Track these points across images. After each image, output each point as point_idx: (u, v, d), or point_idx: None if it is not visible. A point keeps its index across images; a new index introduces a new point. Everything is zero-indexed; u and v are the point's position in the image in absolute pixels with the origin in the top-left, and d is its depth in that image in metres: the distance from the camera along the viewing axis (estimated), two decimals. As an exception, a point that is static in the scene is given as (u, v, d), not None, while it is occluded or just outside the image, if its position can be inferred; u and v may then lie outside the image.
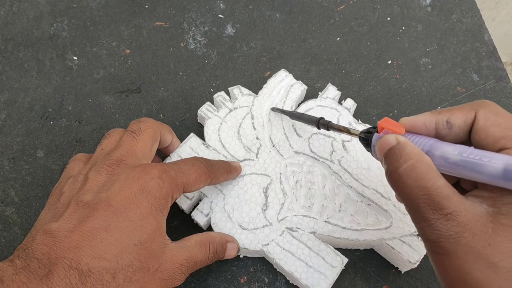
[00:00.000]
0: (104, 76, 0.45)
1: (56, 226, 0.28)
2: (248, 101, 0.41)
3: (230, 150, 0.39)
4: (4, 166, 0.41)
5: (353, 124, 0.40)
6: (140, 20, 0.47)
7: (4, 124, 0.42)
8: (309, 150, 0.39)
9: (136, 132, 0.34)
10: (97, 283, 0.27)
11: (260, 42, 0.46)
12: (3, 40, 0.46)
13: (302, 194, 0.38)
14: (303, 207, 0.37)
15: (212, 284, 0.36)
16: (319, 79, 0.45)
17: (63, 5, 0.47)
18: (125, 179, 0.30)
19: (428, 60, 0.46)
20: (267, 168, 0.38)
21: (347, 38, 0.47)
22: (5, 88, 0.44)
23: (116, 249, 0.28)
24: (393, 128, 0.29)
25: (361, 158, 0.39)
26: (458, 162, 0.25)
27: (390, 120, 0.30)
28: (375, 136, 0.30)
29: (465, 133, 0.28)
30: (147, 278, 0.29)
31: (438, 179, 0.25)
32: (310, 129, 0.40)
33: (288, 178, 0.38)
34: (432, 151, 0.27)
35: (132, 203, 0.29)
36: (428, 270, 0.37)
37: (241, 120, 0.40)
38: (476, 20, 0.48)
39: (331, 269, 0.35)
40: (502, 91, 0.44)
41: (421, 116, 0.29)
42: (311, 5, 0.48)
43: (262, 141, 0.40)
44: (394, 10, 0.48)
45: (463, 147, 0.26)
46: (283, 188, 0.38)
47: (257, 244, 0.36)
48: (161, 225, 0.31)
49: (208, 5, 0.48)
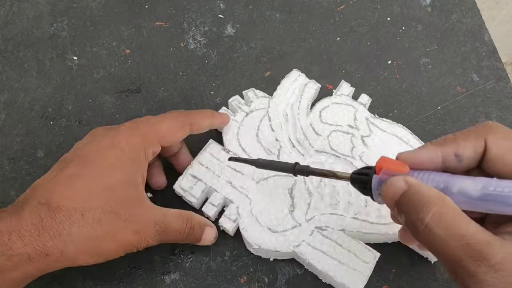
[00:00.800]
0: (104, 76, 0.44)
1: (40, 179, 0.32)
2: (264, 103, 0.41)
3: (251, 154, 0.39)
4: (4, 166, 0.41)
5: (370, 119, 0.40)
6: (140, 20, 0.47)
7: (4, 124, 0.42)
8: (330, 148, 0.39)
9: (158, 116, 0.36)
10: (66, 219, 0.29)
11: (260, 42, 0.46)
12: (3, 40, 0.46)
13: (327, 192, 0.37)
14: (329, 205, 0.37)
15: (212, 284, 0.36)
16: (319, 79, 0.45)
17: (63, 5, 0.47)
18: (100, 138, 0.33)
19: (428, 60, 0.46)
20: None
21: (347, 38, 0.47)
22: (5, 88, 0.44)
23: (86, 192, 0.30)
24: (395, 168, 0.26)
25: (382, 152, 0.38)
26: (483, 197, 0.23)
27: (389, 159, 0.27)
28: (375, 179, 0.27)
29: (476, 162, 0.26)
30: (118, 224, 0.31)
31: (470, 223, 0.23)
32: (328, 126, 0.40)
33: (311, 177, 0.38)
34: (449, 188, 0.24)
35: (101, 154, 0.32)
36: (428, 270, 0.37)
37: (258, 123, 0.40)
38: (476, 20, 0.48)
39: (364, 265, 0.35)
40: (502, 91, 0.44)
41: (424, 151, 0.26)
42: (311, 5, 0.48)
43: (281, 142, 0.39)
44: (394, 10, 0.48)
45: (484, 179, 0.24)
46: (307, 188, 0.38)
47: (288, 246, 0.36)
48: (132, 177, 0.33)
49: (208, 5, 0.48)
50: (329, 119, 0.40)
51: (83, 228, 0.30)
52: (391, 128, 0.40)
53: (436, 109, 0.44)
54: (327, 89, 0.44)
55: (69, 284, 0.36)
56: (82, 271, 0.37)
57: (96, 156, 0.32)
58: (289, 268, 0.37)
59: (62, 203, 0.29)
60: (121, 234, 0.31)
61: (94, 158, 0.32)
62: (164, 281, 0.37)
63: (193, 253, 0.37)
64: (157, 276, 0.37)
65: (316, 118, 0.40)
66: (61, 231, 0.29)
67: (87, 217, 0.30)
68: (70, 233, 0.29)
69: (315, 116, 0.40)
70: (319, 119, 0.40)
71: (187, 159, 0.39)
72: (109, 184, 0.31)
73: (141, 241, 0.32)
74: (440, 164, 0.26)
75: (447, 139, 0.26)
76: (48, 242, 0.29)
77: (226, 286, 0.37)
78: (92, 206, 0.30)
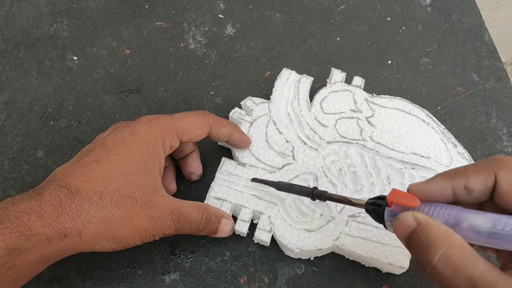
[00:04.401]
0: (104, 76, 0.44)
1: (60, 167, 0.33)
2: (264, 109, 0.41)
3: (267, 161, 0.39)
4: (4, 166, 0.41)
5: (369, 99, 0.41)
6: (140, 20, 0.47)
7: (4, 124, 0.42)
8: (339, 136, 0.39)
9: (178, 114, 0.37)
10: (85, 201, 0.30)
11: (260, 42, 0.46)
12: (3, 40, 0.46)
13: (349, 180, 0.38)
14: (355, 192, 0.37)
15: (212, 284, 0.36)
16: (319, 79, 0.45)
17: (63, 5, 0.47)
18: (121, 129, 0.34)
19: (428, 60, 0.46)
20: (308, 167, 0.38)
21: (347, 38, 0.47)
22: (5, 88, 0.44)
23: (104, 176, 0.31)
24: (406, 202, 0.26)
25: (389, 128, 0.39)
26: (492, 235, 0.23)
27: (400, 192, 0.27)
28: (387, 211, 0.27)
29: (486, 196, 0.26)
30: (135, 208, 0.31)
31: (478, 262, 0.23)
32: (332, 116, 0.40)
33: (330, 169, 0.38)
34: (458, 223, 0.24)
35: (121, 142, 0.33)
36: (428, 270, 0.37)
37: (265, 129, 0.40)
38: (476, 20, 0.48)
39: None
40: (502, 91, 0.44)
41: (435, 183, 0.26)
42: (311, 5, 0.48)
43: (292, 142, 0.39)
44: (394, 10, 0.48)
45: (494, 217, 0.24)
46: (330, 180, 0.38)
47: (328, 242, 0.36)
48: (149, 165, 0.33)
49: (208, 5, 0.48)
50: (331, 109, 0.40)
51: (101, 210, 0.30)
52: (391, 103, 0.41)
53: (436, 109, 0.44)
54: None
55: (69, 284, 0.36)
56: (82, 271, 0.37)
57: (116, 145, 0.33)
58: (289, 268, 0.37)
59: (81, 186, 0.30)
60: (138, 219, 0.31)
61: (113, 147, 0.33)
62: (164, 281, 0.37)
63: (193, 253, 0.38)
64: (157, 276, 0.37)
65: (318, 111, 0.40)
66: (79, 213, 0.30)
67: (105, 200, 0.30)
68: (88, 215, 0.30)
69: (317, 109, 0.40)
70: (321, 111, 0.40)
71: (195, 164, 0.39)
72: (126, 171, 0.32)
73: (157, 228, 0.32)
74: (450, 197, 0.26)
75: (458, 171, 0.26)
76: (67, 223, 0.29)
77: (226, 286, 0.37)
78: (110, 190, 0.31)
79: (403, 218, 0.26)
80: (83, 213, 0.30)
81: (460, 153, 0.38)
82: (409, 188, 0.27)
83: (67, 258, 0.37)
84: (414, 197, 0.27)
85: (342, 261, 0.37)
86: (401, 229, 0.26)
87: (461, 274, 0.23)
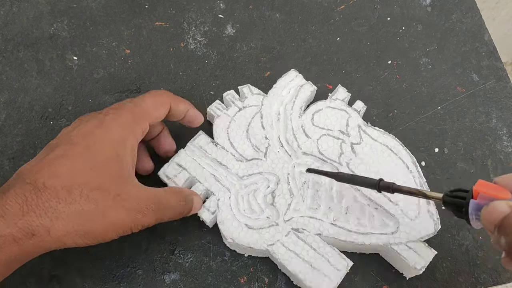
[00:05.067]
0: (104, 76, 0.45)
1: (25, 164, 0.31)
2: (258, 100, 0.41)
3: (238, 149, 0.39)
4: (4, 166, 0.41)
5: (363, 126, 0.40)
6: (140, 20, 0.47)
7: (4, 124, 0.42)
8: (318, 151, 0.39)
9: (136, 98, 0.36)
10: (52, 197, 0.29)
11: (260, 42, 0.46)
12: (3, 40, 0.46)
13: (309, 196, 0.37)
14: (309, 209, 0.37)
15: (212, 284, 0.37)
16: (319, 79, 0.45)
17: (63, 5, 0.47)
18: (86, 122, 0.33)
19: (428, 60, 0.46)
20: (274, 168, 0.38)
21: (347, 38, 0.47)
22: (5, 88, 0.44)
23: (72, 171, 0.30)
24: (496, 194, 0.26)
25: (370, 161, 0.38)
26: None
27: (488, 183, 0.26)
28: (472, 204, 0.27)
29: None
30: (108, 202, 0.30)
31: None
32: (319, 130, 0.40)
33: (295, 178, 0.38)
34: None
35: (89, 135, 0.32)
36: (428, 270, 0.37)
37: (250, 119, 0.40)
38: (476, 20, 0.48)
39: (335, 272, 0.35)
40: (502, 91, 0.44)
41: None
42: (311, 5, 0.48)
43: (270, 140, 0.39)
44: (394, 10, 0.48)
45: None
46: (290, 189, 0.38)
47: (262, 244, 0.36)
48: (120, 155, 0.32)
49: (208, 5, 0.48)
50: (321, 123, 0.40)
51: (70, 205, 0.29)
52: (383, 138, 0.40)
53: (436, 109, 0.44)
54: (327, 89, 0.44)
55: (69, 284, 0.36)
56: (82, 271, 0.37)
57: (83, 139, 0.32)
58: (289, 268, 0.37)
59: (47, 182, 0.29)
60: (112, 212, 0.30)
61: (81, 141, 0.31)
62: (164, 281, 0.37)
63: (193, 253, 0.38)
64: (157, 276, 0.37)
65: (308, 120, 0.40)
66: (47, 209, 0.28)
67: (74, 194, 0.29)
68: (56, 210, 0.29)
69: (307, 118, 0.40)
70: (311, 122, 0.40)
71: (168, 141, 0.39)
72: (95, 163, 0.31)
73: (136, 220, 0.31)
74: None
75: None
76: (34, 221, 0.28)
77: (226, 286, 0.37)
78: (79, 183, 0.30)
79: (495, 204, 0.25)
80: (50, 209, 0.28)
81: (430, 212, 0.37)
82: (496, 180, 0.27)
83: (67, 257, 0.37)
84: (504, 189, 0.26)
85: (342, 261, 0.37)
86: (492, 216, 0.25)
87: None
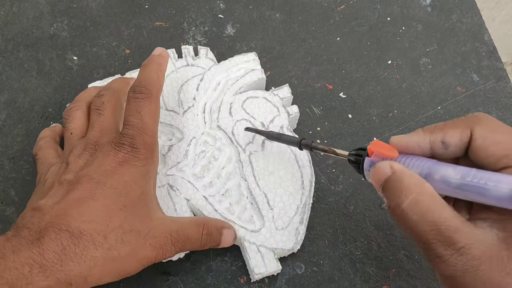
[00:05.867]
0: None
1: (43, 202, 0.29)
2: (207, 65, 0.42)
3: (164, 97, 0.40)
4: (4, 166, 0.41)
5: (284, 129, 0.39)
6: (140, 20, 0.47)
7: (4, 124, 0.42)
8: (231, 131, 0.39)
9: (101, 108, 0.35)
10: (90, 243, 0.28)
11: (260, 42, 0.46)
12: (3, 40, 0.46)
13: (200, 164, 0.38)
14: (193, 175, 0.38)
15: (212, 284, 0.37)
16: (319, 79, 0.45)
17: (63, 5, 0.47)
18: (103, 157, 0.31)
19: (428, 60, 0.46)
20: (185, 127, 0.39)
21: (347, 38, 0.47)
22: (5, 88, 0.44)
23: (104, 213, 0.29)
24: (385, 152, 0.28)
25: (271, 160, 0.38)
26: (461, 186, 0.24)
27: (381, 143, 0.28)
28: (366, 161, 0.29)
29: (462, 150, 0.27)
30: (139, 242, 0.30)
31: (444, 210, 0.24)
32: (243, 114, 0.40)
33: (197, 144, 0.39)
34: (431, 174, 0.26)
35: (113, 174, 0.30)
36: (428, 270, 0.37)
37: (190, 77, 0.41)
38: (476, 20, 0.48)
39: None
40: (502, 91, 0.44)
41: (414, 136, 0.27)
42: (311, 5, 0.48)
43: (197, 103, 0.40)
44: (394, 10, 0.48)
45: (464, 169, 0.25)
46: (187, 150, 0.38)
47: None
48: (145, 190, 0.32)
49: (208, 5, 0.48)
50: (249, 109, 0.40)
51: (108, 251, 0.28)
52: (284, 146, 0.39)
53: (436, 109, 0.44)
54: (327, 88, 0.44)
55: None
56: (82, 271, 0.37)
57: (107, 178, 0.30)
58: (289, 268, 0.37)
59: (83, 227, 0.28)
60: (142, 251, 0.30)
61: (105, 180, 0.30)
62: (164, 281, 0.37)
63: (193, 253, 0.37)
64: (157, 276, 0.37)
65: (239, 101, 0.40)
66: (85, 258, 0.27)
67: (110, 239, 0.29)
68: (94, 258, 0.28)
69: (240, 99, 0.40)
70: (241, 103, 0.40)
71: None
72: (124, 203, 0.30)
73: (158, 255, 0.31)
74: (428, 151, 0.27)
75: (437, 127, 0.27)
76: (72, 270, 0.27)
77: (226, 286, 0.37)
78: (113, 227, 0.29)
79: (380, 165, 0.27)
80: (88, 257, 0.28)
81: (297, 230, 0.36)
82: (390, 140, 0.28)
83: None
84: (393, 148, 0.28)
85: (342, 261, 0.37)
86: (377, 176, 0.27)
87: (427, 219, 0.24)
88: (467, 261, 0.23)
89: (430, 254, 0.25)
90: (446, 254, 0.24)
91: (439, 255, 0.24)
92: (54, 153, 0.36)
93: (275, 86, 0.43)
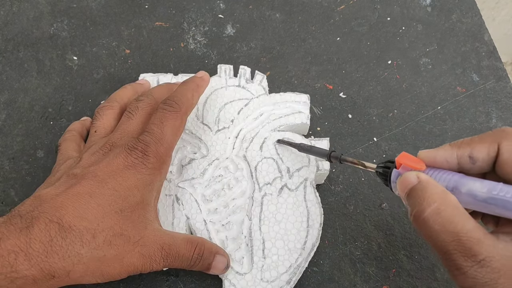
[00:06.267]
0: (104, 76, 0.45)
1: (45, 191, 0.30)
2: (257, 92, 0.41)
3: (204, 110, 0.40)
4: (4, 166, 0.41)
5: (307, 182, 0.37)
6: (140, 20, 0.47)
7: (4, 124, 0.42)
8: (255, 166, 0.38)
9: (133, 112, 0.36)
10: (77, 239, 0.28)
11: (260, 42, 0.46)
12: (3, 40, 0.46)
13: (213, 187, 0.37)
14: (202, 196, 0.37)
15: (212, 284, 0.36)
16: (319, 79, 0.45)
17: (63, 5, 0.47)
18: (113, 157, 0.32)
19: (428, 60, 0.46)
20: (213, 145, 0.39)
21: (347, 38, 0.47)
22: (5, 88, 0.44)
23: (98, 213, 0.29)
24: (412, 164, 0.28)
25: (282, 209, 0.37)
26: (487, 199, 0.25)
27: (409, 155, 0.29)
28: (394, 173, 0.29)
29: (489, 165, 0.27)
30: (127, 247, 0.30)
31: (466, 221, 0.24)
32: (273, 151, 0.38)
33: (218, 167, 0.38)
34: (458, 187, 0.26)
35: (118, 175, 0.31)
36: (428, 270, 0.37)
37: (237, 99, 0.40)
38: (476, 20, 0.48)
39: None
40: (502, 91, 0.44)
41: (442, 151, 0.28)
42: (311, 5, 0.48)
43: (232, 126, 0.39)
44: (394, 10, 0.48)
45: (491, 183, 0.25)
46: (205, 169, 0.38)
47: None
48: (146, 198, 0.32)
49: (208, 5, 0.48)
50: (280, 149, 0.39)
51: (93, 251, 0.29)
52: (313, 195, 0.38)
53: (436, 109, 0.44)
54: (327, 89, 0.44)
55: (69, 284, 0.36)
56: (82, 271, 0.37)
57: (111, 178, 0.31)
58: (289, 268, 0.37)
59: (73, 223, 0.28)
60: (128, 257, 0.30)
61: (109, 180, 0.31)
62: (164, 281, 0.37)
63: (193, 253, 0.38)
64: (157, 276, 0.37)
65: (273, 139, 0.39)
66: (70, 253, 0.28)
67: (98, 239, 0.29)
68: (79, 254, 0.28)
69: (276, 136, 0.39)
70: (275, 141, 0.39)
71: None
72: (121, 207, 0.30)
73: (145, 264, 0.31)
74: (455, 165, 0.27)
75: (464, 142, 0.27)
76: (56, 263, 0.27)
77: (226, 286, 0.36)
78: (103, 228, 0.29)
79: (406, 175, 0.27)
80: (73, 252, 0.28)
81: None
82: (418, 153, 0.29)
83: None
84: (421, 161, 0.28)
85: (342, 261, 0.37)
86: (403, 184, 0.27)
87: (448, 229, 0.24)
88: (487, 273, 0.23)
89: (449, 265, 0.25)
90: (466, 265, 0.24)
91: (458, 267, 0.24)
92: (76, 147, 0.37)
93: (275, 86, 0.43)
